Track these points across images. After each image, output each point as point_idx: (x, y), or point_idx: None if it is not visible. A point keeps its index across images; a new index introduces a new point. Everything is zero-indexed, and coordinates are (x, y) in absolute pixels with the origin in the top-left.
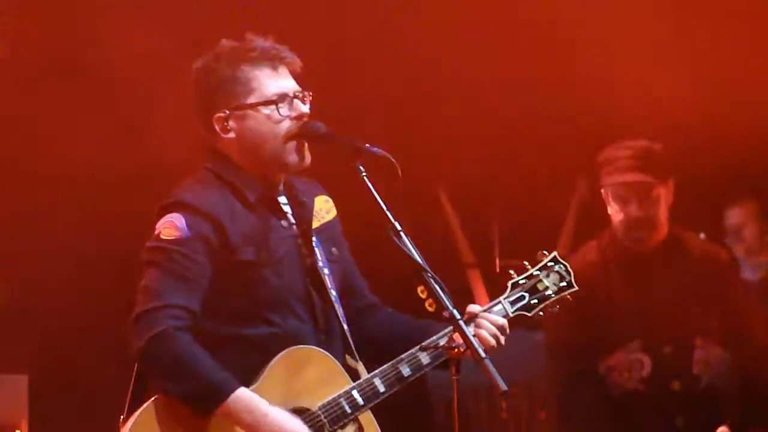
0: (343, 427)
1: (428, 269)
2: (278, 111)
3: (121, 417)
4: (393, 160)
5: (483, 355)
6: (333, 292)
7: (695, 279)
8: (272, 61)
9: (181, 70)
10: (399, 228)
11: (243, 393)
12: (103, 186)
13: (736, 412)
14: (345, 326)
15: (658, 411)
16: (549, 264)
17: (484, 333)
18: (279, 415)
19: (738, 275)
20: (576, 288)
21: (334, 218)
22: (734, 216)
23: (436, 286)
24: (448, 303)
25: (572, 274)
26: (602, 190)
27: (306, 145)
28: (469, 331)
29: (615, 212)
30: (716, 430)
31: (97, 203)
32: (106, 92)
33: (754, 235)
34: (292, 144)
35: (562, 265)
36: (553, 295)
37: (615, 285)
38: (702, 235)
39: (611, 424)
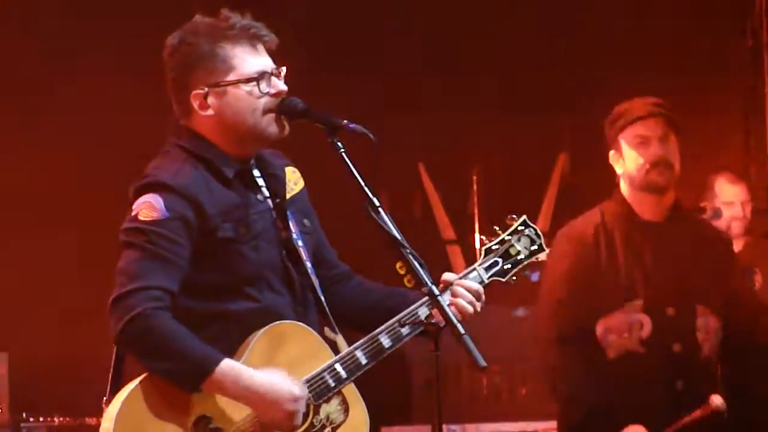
0: (327, 401)
1: (407, 245)
2: (259, 88)
3: (104, 399)
4: (372, 135)
5: (462, 331)
6: (308, 264)
7: (697, 251)
8: (251, 39)
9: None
10: (378, 204)
11: (228, 363)
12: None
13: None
14: (322, 298)
15: (657, 373)
16: (519, 228)
17: (461, 301)
18: (266, 377)
19: (733, 250)
20: (547, 250)
21: (302, 189)
22: (737, 194)
23: (415, 262)
24: (427, 279)
25: (542, 237)
26: (612, 152)
27: (284, 117)
28: (448, 306)
29: (634, 159)
30: (709, 398)
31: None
32: None
33: (749, 213)
34: (271, 116)
35: (532, 229)
36: (525, 259)
37: (617, 248)
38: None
39: (606, 385)
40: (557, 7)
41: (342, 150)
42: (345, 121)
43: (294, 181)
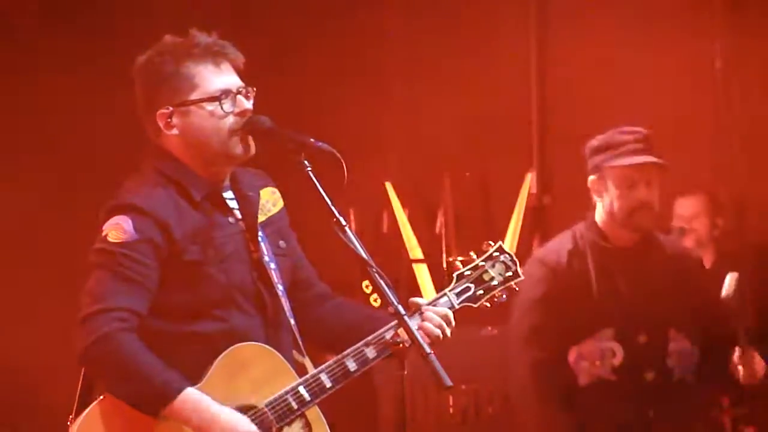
0: (290, 423)
1: (373, 264)
2: (221, 107)
3: (70, 418)
4: (338, 154)
5: (428, 350)
6: (280, 287)
7: (669, 274)
8: (215, 57)
9: None
10: (344, 223)
11: (190, 393)
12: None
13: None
14: (291, 320)
15: (629, 401)
16: (494, 254)
17: (428, 326)
18: (227, 414)
19: (706, 273)
20: (522, 277)
21: (280, 210)
22: (688, 207)
23: (381, 282)
24: (393, 298)
25: (518, 263)
26: (593, 177)
27: (250, 136)
28: (414, 326)
29: (616, 197)
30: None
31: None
32: None
33: (705, 227)
34: (237, 137)
35: (507, 255)
36: (498, 285)
37: (590, 274)
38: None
39: (579, 413)
40: (529, 25)
41: (309, 168)
42: (312, 140)
43: (273, 202)
